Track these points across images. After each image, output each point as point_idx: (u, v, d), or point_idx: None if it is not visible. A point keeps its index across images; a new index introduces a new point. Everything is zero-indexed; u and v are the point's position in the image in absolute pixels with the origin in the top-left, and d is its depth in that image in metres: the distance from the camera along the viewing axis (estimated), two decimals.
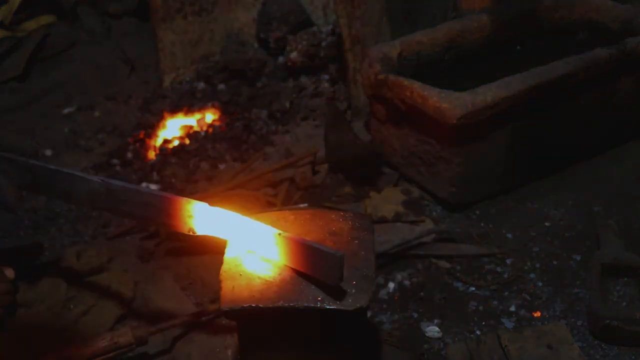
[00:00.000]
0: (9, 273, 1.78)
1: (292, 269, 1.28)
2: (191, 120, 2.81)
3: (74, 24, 3.44)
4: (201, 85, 3.03)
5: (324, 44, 2.93)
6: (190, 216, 1.35)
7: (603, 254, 1.83)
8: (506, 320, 1.75)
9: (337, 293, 1.21)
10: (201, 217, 1.35)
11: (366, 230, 1.42)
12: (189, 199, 1.36)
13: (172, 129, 2.77)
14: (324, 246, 1.24)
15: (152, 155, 2.61)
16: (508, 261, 1.93)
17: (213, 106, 2.87)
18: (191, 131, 2.73)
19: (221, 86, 3.00)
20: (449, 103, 1.95)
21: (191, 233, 1.36)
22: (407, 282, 1.87)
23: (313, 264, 1.23)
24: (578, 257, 1.93)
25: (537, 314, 1.76)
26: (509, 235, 2.03)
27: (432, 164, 2.13)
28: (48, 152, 2.72)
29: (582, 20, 2.51)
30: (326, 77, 2.96)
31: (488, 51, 2.45)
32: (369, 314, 1.75)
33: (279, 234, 1.27)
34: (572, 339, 1.57)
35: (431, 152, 2.11)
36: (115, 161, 2.59)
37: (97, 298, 1.84)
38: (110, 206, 1.45)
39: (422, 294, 1.84)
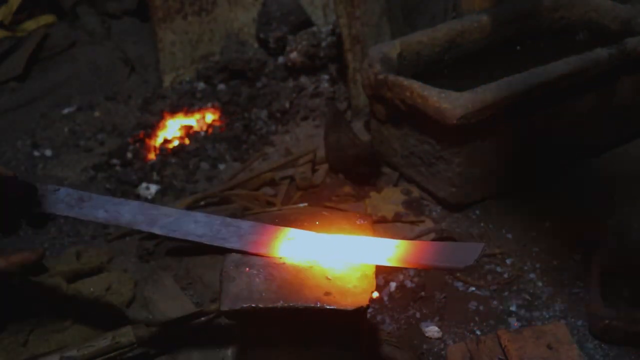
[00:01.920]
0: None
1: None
2: (191, 121, 2.81)
3: (73, 24, 3.44)
4: (201, 85, 3.03)
5: (324, 44, 2.93)
6: (282, 241, 1.33)
7: (603, 254, 1.83)
8: (506, 320, 1.75)
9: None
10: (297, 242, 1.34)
11: (366, 230, 1.42)
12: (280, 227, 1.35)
13: (172, 129, 2.77)
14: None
15: (152, 155, 2.62)
16: (508, 261, 1.93)
17: (213, 106, 2.87)
18: (191, 131, 2.73)
19: (221, 86, 3.00)
20: (449, 103, 1.95)
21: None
22: (407, 282, 1.87)
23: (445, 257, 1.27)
24: (578, 257, 1.93)
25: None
26: (509, 235, 2.03)
27: (432, 164, 2.13)
28: (48, 152, 2.72)
29: (582, 20, 2.51)
30: (326, 77, 2.96)
31: (488, 51, 2.45)
32: (369, 313, 1.75)
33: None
34: (572, 339, 1.57)
35: (431, 152, 2.11)
36: (115, 161, 2.59)
37: (97, 298, 1.84)
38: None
39: (422, 293, 1.84)
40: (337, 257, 1.31)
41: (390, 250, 1.30)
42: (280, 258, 1.31)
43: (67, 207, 1.42)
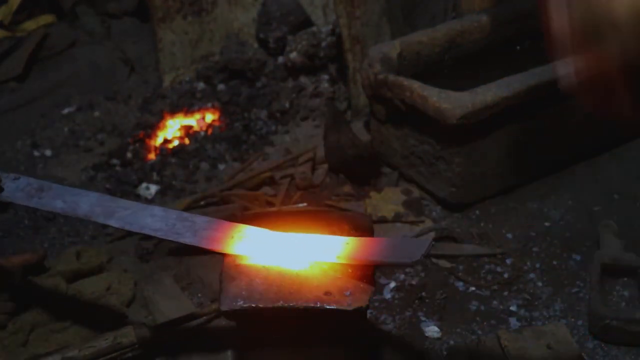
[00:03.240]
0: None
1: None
2: (191, 121, 2.81)
3: (73, 24, 3.44)
4: (201, 85, 3.03)
5: (323, 44, 2.93)
6: (237, 238, 1.34)
7: (603, 254, 1.83)
8: (506, 320, 1.75)
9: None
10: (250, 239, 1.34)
11: (366, 230, 1.43)
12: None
13: (172, 129, 2.77)
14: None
15: (152, 155, 2.61)
16: (508, 261, 1.93)
17: (213, 106, 2.87)
18: (191, 131, 2.73)
19: (221, 86, 3.00)
20: (449, 103, 1.95)
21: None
22: (407, 282, 1.87)
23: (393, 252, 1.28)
24: (578, 257, 1.93)
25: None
26: (509, 235, 2.03)
27: (432, 164, 2.13)
28: (48, 152, 2.72)
29: None
30: (326, 77, 2.95)
31: (488, 51, 2.45)
32: (369, 313, 1.75)
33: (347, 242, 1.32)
34: (572, 339, 1.57)
35: (431, 152, 2.11)
36: (115, 161, 2.59)
37: (97, 298, 1.84)
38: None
39: (422, 293, 1.84)
40: (288, 255, 1.32)
41: (340, 248, 1.30)
42: (235, 256, 1.32)
43: (26, 197, 1.42)
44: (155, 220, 1.38)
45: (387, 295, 1.84)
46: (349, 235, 1.39)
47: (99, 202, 1.41)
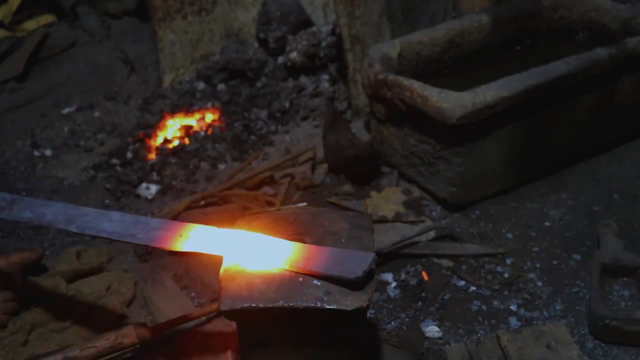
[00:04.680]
0: (16, 280, 1.77)
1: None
2: (191, 120, 2.81)
3: (73, 24, 3.44)
4: (201, 85, 3.03)
5: (323, 44, 2.93)
6: (185, 236, 1.41)
7: (603, 254, 1.83)
8: (506, 319, 1.75)
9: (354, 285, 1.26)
10: (196, 236, 1.41)
11: (366, 229, 1.43)
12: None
13: (172, 129, 2.77)
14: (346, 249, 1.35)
15: (152, 155, 2.61)
16: (508, 261, 1.93)
17: (213, 106, 2.87)
18: (191, 131, 2.73)
19: (221, 86, 3.01)
20: (449, 103, 1.95)
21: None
22: (407, 282, 1.87)
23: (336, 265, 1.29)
24: (578, 257, 1.93)
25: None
26: (509, 235, 2.03)
27: (432, 164, 2.13)
28: (48, 152, 2.72)
29: (582, 20, 2.51)
30: (326, 77, 2.96)
31: (488, 51, 2.45)
32: (369, 313, 1.75)
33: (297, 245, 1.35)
34: (572, 339, 1.57)
35: (431, 152, 2.11)
36: (115, 161, 2.59)
37: (97, 298, 1.84)
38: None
39: (422, 293, 1.84)
40: (233, 254, 1.36)
41: (286, 253, 1.32)
42: (182, 252, 1.42)
43: None
44: (112, 224, 1.46)
45: (388, 295, 1.84)
46: (348, 234, 1.40)
47: (62, 211, 1.52)
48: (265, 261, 1.33)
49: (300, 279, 1.27)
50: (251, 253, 1.35)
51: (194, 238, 1.40)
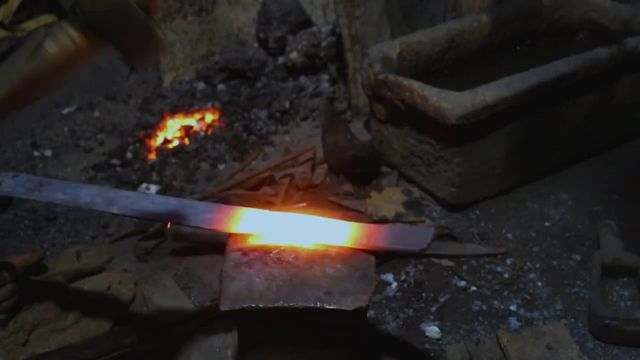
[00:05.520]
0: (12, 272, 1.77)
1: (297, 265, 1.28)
2: (191, 121, 2.81)
3: None
4: (201, 85, 3.03)
5: (323, 44, 2.93)
6: (238, 218, 1.37)
7: (603, 254, 1.83)
8: (506, 320, 1.75)
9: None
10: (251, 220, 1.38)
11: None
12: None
13: (172, 129, 2.77)
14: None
15: (152, 155, 2.62)
16: (508, 261, 1.93)
17: (213, 106, 2.87)
18: (191, 131, 2.73)
19: (221, 86, 3.01)
20: (448, 103, 1.95)
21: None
22: (408, 282, 1.87)
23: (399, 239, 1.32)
24: (578, 257, 1.93)
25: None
26: (509, 235, 2.03)
27: (432, 164, 2.13)
28: (48, 152, 2.72)
29: (582, 20, 2.51)
30: (326, 77, 2.96)
31: (488, 51, 2.45)
32: (369, 313, 1.75)
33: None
34: (572, 339, 1.57)
35: (431, 152, 2.11)
36: (115, 161, 2.59)
37: (97, 298, 1.84)
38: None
39: (422, 293, 1.84)
40: (292, 235, 1.35)
41: (346, 232, 1.33)
42: (227, 251, 1.34)
43: (27, 191, 1.45)
44: (156, 206, 1.40)
45: (388, 295, 1.84)
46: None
47: (99, 193, 1.44)
48: (328, 240, 1.33)
49: (301, 279, 1.27)
50: (310, 234, 1.34)
51: (247, 220, 1.37)
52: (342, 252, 1.32)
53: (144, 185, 2.43)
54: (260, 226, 1.36)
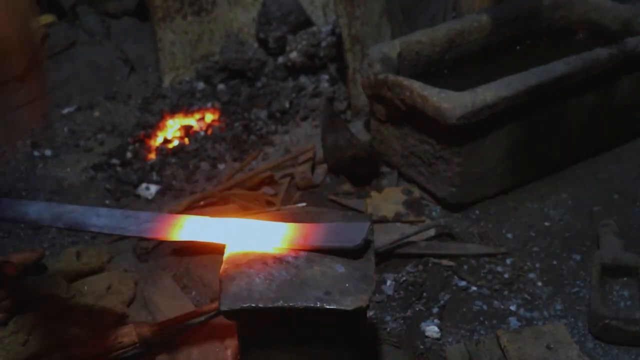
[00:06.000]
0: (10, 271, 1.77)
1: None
2: (191, 121, 2.81)
3: (73, 24, 3.44)
4: (201, 85, 3.03)
5: (323, 44, 2.93)
6: (179, 226, 1.40)
7: (603, 254, 1.83)
8: (506, 320, 1.75)
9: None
10: (193, 226, 1.40)
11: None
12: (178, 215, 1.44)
13: (172, 129, 2.77)
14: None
15: (152, 155, 2.61)
16: (508, 261, 1.93)
17: (213, 106, 2.87)
18: (191, 131, 2.73)
19: (221, 86, 3.00)
20: (449, 103, 1.95)
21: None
22: (408, 281, 1.87)
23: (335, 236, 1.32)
24: (578, 257, 1.93)
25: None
26: (509, 235, 2.03)
27: (432, 164, 2.13)
28: (48, 152, 2.72)
29: (582, 20, 2.51)
30: (326, 77, 2.96)
31: (488, 51, 2.45)
32: (369, 313, 1.75)
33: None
34: (571, 339, 1.57)
35: (431, 152, 2.11)
36: (114, 161, 2.59)
37: (97, 298, 1.84)
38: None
39: (423, 293, 1.84)
40: (230, 240, 1.37)
41: (281, 233, 1.35)
42: (183, 242, 1.41)
43: None
44: (100, 219, 1.45)
45: (388, 295, 1.84)
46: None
47: (46, 209, 1.50)
48: (264, 243, 1.34)
49: (301, 279, 1.27)
50: (248, 238, 1.36)
51: (188, 228, 1.40)
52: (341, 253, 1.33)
53: (143, 185, 2.43)
54: (199, 233, 1.40)
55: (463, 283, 1.87)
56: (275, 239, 1.35)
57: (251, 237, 1.37)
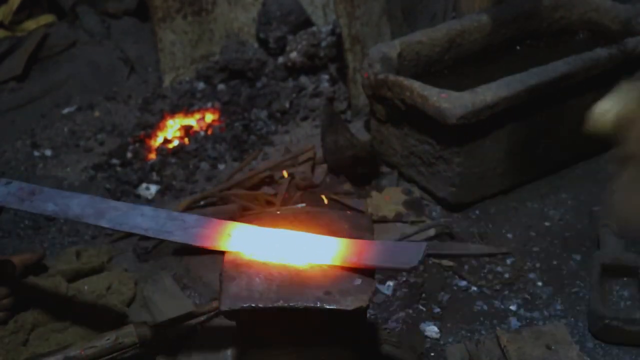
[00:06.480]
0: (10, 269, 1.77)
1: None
2: (191, 121, 2.81)
3: (73, 24, 3.44)
4: (201, 85, 3.03)
5: (323, 44, 2.93)
6: (227, 235, 1.35)
7: (603, 254, 1.83)
8: (506, 319, 1.75)
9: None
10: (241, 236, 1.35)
11: (366, 229, 1.42)
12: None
13: (172, 129, 2.77)
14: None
15: (152, 155, 2.61)
16: (508, 261, 1.93)
17: (213, 106, 2.87)
18: (191, 131, 2.73)
19: (221, 86, 3.00)
20: (449, 103, 1.95)
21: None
22: (408, 281, 1.87)
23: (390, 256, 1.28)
24: (578, 257, 1.93)
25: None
26: (509, 235, 2.03)
27: (432, 164, 2.13)
28: (48, 152, 2.72)
29: (582, 20, 2.51)
30: (326, 77, 2.96)
31: (488, 51, 2.45)
32: (369, 313, 1.75)
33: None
34: (571, 339, 1.57)
35: (431, 152, 2.11)
36: (115, 161, 2.59)
37: (97, 297, 1.84)
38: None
39: (423, 293, 1.84)
40: (280, 254, 1.32)
41: (335, 249, 1.30)
42: (227, 252, 1.32)
43: (18, 201, 1.43)
44: (145, 219, 1.38)
45: (388, 295, 1.84)
46: (348, 234, 1.39)
47: (90, 204, 1.42)
48: (315, 258, 1.30)
49: (301, 279, 1.27)
50: (299, 251, 1.31)
51: (236, 237, 1.34)
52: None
53: (143, 185, 2.43)
54: (249, 243, 1.34)
55: (463, 283, 1.87)
56: (327, 255, 1.30)
57: (303, 251, 1.32)
